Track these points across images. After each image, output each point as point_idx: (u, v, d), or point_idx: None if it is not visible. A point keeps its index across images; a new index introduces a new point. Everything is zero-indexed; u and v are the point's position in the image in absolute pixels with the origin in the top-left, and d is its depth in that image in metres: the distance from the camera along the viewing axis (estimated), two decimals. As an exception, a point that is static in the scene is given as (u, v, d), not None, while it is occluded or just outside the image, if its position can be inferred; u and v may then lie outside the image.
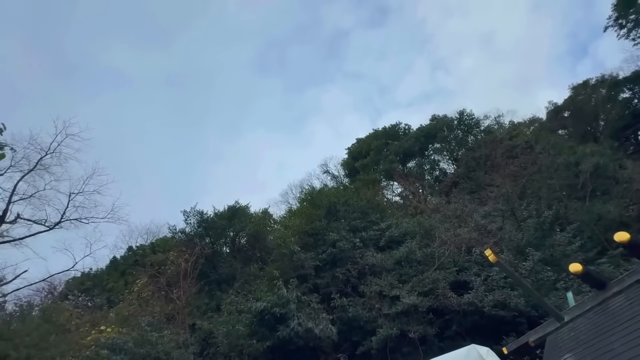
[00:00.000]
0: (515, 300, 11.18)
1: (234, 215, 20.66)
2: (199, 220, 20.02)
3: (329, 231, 16.00)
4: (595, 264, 12.17)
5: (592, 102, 29.83)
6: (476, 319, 11.77)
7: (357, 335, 12.82)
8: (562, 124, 30.36)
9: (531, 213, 15.58)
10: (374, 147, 31.31)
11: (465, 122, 30.26)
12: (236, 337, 11.78)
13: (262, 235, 20.49)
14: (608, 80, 30.98)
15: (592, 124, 29.77)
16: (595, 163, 18.52)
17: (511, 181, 18.54)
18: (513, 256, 12.79)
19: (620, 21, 32.90)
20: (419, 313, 11.90)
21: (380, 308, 12.51)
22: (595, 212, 15.66)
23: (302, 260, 14.94)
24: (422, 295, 12.12)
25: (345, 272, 14.65)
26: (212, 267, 19.95)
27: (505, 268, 8.10)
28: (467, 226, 15.99)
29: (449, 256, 13.64)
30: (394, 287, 12.85)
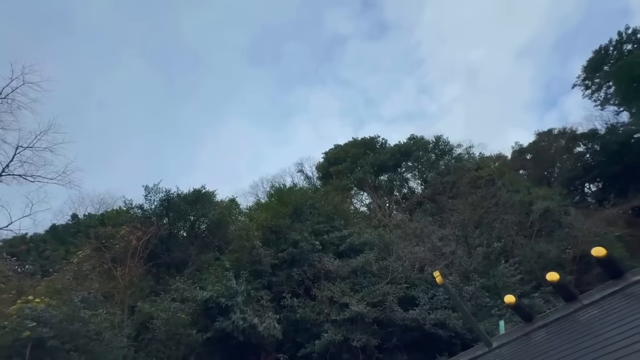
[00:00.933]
0: (454, 322, 11.81)
1: (198, 200, 19.94)
2: (160, 199, 19.09)
3: (292, 230, 15.95)
4: (530, 297, 13.21)
5: (551, 150, 32.50)
6: (416, 334, 12.28)
7: (302, 337, 12.87)
8: (523, 165, 32.73)
9: (482, 242, 16.57)
10: (351, 155, 31.78)
11: (440, 147, 31.63)
12: (176, 325, 11.31)
13: (224, 224, 19.95)
14: (568, 133, 33.96)
15: (549, 169, 32.39)
16: (546, 206, 20.17)
17: (470, 210, 19.63)
18: (459, 280, 13.51)
19: (587, 82, 36.30)
20: (365, 323, 12.20)
21: (328, 313, 12.66)
22: (537, 250, 17.00)
23: (261, 256, 14.76)
24: (370, 305, 12.44)
25: (301, 273, 14.68)
26: (165, 250, 19.08)
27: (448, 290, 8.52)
28: (424, 245, 16.68)
29: (402, 272, 14.14)
30: (346, 294, 13.08)
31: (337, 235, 16.63)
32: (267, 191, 27.93)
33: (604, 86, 34.88)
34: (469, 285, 12.93)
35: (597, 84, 35.38)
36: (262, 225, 16.71)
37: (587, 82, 36.00)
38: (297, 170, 35.00)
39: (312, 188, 29.42)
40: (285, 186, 24.49)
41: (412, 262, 14.89)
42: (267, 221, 16.85)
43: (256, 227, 16.39)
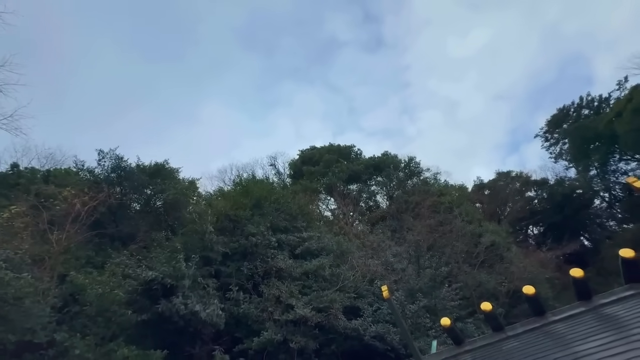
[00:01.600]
0: (393, 336, 12.28)
1: (158, 174, 18.86)
2: (115, 166, 17.79)
3: (250, 223, 15.66)
4: (464, 322, 14.13)
5: (507, 190, 35.17)
6: (355, 344, 12.58)
7: (241, 332, 12.63)
8: (480, 199, 35.04)
9: (432, 264, 17.45)
10: (326, 159, 31.99)
11: (410, 168, 32.89)
12: (110, 302, 10.54)
13: (181, 204, 19.06)
14: (523, 178, 37.04)
15: (501, 207, 34.97)
16: (492, 240, 21.78)
17: (427, 232, 20.60)
18: (404, 297, 14.09)
19: (547, 135, 39.90)
20: (307, 326, 12.27)
21: (272, 312, 12.57)
22: (478, 279, 18.25)
23: (214, 243, 14.29)
24: (316, 310, 12.54)
25: (252, 267, 14.43)
26: (113, 221, 17.80)
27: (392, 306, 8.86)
28: (378, 259, 17.19)
29: (353, 281, 14.45)
30: (293, 295, 13.08)
31: (297, 236, 16.60)
32: (233, 178, 27.25)
33: (560, 142, 38.58)
34: (413, 304, 13.52)
35: (555, 139, 39.05)
36: (220, 212, 16.22)
37: (547, 135, 39.62)
38: (270, 163, 34.56)
39: (281, 184, 29.20)
40: (254, 177, 24.05)
41: (363, 274, 15.28)
42: (226, 209, 16.40)
43: (214, 213, 15.88)
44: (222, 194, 20.21)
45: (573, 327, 4.12)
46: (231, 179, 28.64)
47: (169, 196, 17.48)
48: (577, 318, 4.33)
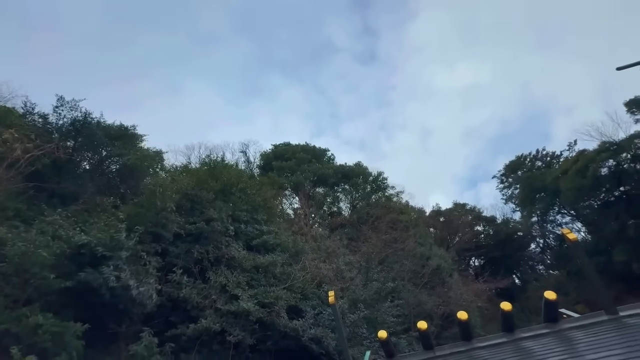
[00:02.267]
0: (329, 341, 12.47)
1: (120, 137, 17.47)
2: (74, 119, 16.20)
3: (212, 207, 15.09)
4: (398, 337, 14.77)
5: (459, 220, 37.54)
6: (291, 344, 12.59)
7: (176, 317, 12.06)
8: (434, 224, 37.05)
9: (379, 278, 18.05)
10: (299, 157, 31.84)
11: (377, 182, 33.84)
12: (32, 262, 9.47)
13: (139, 173, 17.82)
14: (475, 212, 39.81)
15: (452, 236, 37.25)
16: (438, 264, 23.12)
17: (381, 246, 21.30)
18: (348, 305, 14.40)
19: (503, 178, 43.33)
20: (248, 320, 12.05)
21: (215, 300, 12.17)
22: (419, 298, 19.21)
23: (167, 220, 13.52)
24: (260, 305, 12.37)
25: (203, 252, 13.87)
26: (56, 175, 16.15)
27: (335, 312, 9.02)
28: (330, 264, 17.43)
29: (302, 282, 14.48)
30: (240, 287, 12.78)
31: (256, 228, 16.30)
32: (201, 157, 26.12)
33: (512, 186, 42.11)
34: (354, 313, 13.85)
35: (509, 183, 42.57)
36: (181, 189, 15.45)
37: (503, 178, 43.10)
38: (241, 150, 33.65)
39: (249, 173, 28.55)
40: (223, 160, 23.23)
41: (313, 276, 15.39)
42: (188, 187, 15.65)
43: (175, 189, 15.08)
44: (187, 171, 19.25)
45: (495, 355, 4.47)
46: (199, 157, 27.45)
47: (128, 161, 16.25)
48: (499, 347, 4.71)
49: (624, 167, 29.81)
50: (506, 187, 42.59)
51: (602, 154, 30.08)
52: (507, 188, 42.47)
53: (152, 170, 19.11)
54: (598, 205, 32.78)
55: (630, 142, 29.10)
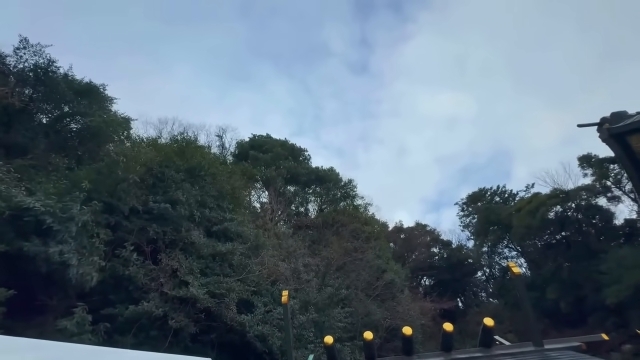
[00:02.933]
0: (275, 340, 12.38)
1: (86, 94, 16.08)
2: (36, 65, 14.72)
3: (178, 189, 14.41)
4: (343, 344, 14.99)
5: (418, 240, 39.12)
6: (236, 338, 12.34)
7: (116, 296, 11.32)
8: (395, 240, 38.31)
9: (334, 284, 18.28)
10: (276, 152, 31.47)
11: (347, 190, 34.27)
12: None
13: (102, 137, 16.52)
14: (433, 234, 41.75)
15: (409, 253, 38.69)
16: (392, 279, 23.93)
17: (341, 253, 21.61)
18: (299, 307, 14.42)
19: (464, 207, 45.88)
20: (195, 308, 11.62)
21: (163, 284, 11.60)
22: (368, 309, 19.68)
23: (126, 192, 12.68)
24: (210, 294, 11.98)
25: (160, 233, 13.16)
26: (5, 124, 14.55)
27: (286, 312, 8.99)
28: (289, 264, 17.37)
29: (257, 277, 14.26)
30: (193, 273, 12.30)
31: (220, 215, 15.79)
32: (173, 134, 24.91)
33: (471, 215, 44.79)
34: (304, 315, 13.89)
35: (468, 212, 45.22)
36: (146, 163, 14.59)
37: (464, 206, 45.72)
38: (217, 134, 32.62)
39: (221, 159, 27.73)
40: (196, 140, 22.35)
41: (270, 273, 15.23)
42: (155, 162, 14.83)
43: (140, 161, 14.21)
44: (155, 145, 18.24)
45: (431, 372, 4.69)
46: (170, 133, 26.15)
47: (91, 122, 15.04)
48: (436, 365, 4.95)
49: (568, 214, 32.87)
50: (465, 216, 45.21)
51: (552, 200, 32.97)
52: (466, 216, 45.09)
53: (117, 138, 17.87)
54: (541, 245, 35.79)
55: (577, 193, 32.17)
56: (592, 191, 31.65)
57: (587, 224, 32.46)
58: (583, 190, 31.96)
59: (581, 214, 32.41)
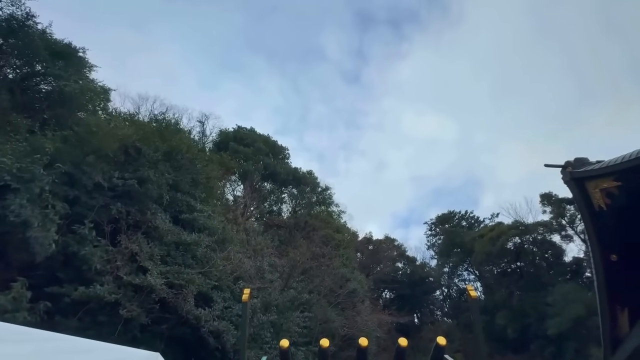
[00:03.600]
0: (229, 338, 12.07)
1: (63, 56, 14.99)
2: (12, 15, 13.56)
3: (150, 168, 13.73)
4: (297, 348, 14.91)
5: (385, 253, 39.98)
6: (189, 332, 11.91)
7: (66, 275, 10.57)
8: (363, 250, 38.86)
9: (297, 287, 18.21)
10: (257, 147, 31.04)
11: (324, 196, 34.37)
12: None
13: (74, 105, 15.46)
14: (400, 249, 42.88)
15: (374, 265, 39.40)
16: (355, 288, 24.20)
17: (308, 257, 21.57)
18: (260, 306, 14.20)
19: (432, 226, 47.50)
20: (149, 297, 11.10)
21: (119, 268, 10.98)
22: (328, 316, 19.75)
23: (95, 168, 11.90)
24: (168, 285, 11.50)
25: (123, 213, 12.46)
26: (-37, 71, 13.29)
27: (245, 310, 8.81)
28: (254, 262, 17.07)
29: (220, 272, 13.89)
30: (153, 260, 11.74)
31: (190, 203, 15.25)
32: (152, 112, 23.87)
33: (437, 236, 46.47)
34: (264, 315, 13.69)
35: (435, 232, 46.91)
36: (120, 138, 13.81)
37: (432, 226, 47.37)
38: (199, 120, 31.65)
39: (200, 145, 26.91)
40: (178, 124, 21.50)
41: (234, 269, 14.88)
42: (130, 139, 14.07)
43: (114, 136, 13.41)
44: (132, 121, 17.37)
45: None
46: (150, 111, 25.02)
47: (65, 86, 14.05)
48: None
49: (525, 246, 35.02)
50: (432, 235, 46.84)
51: (512, 231, 34.99)
52: (433, 236, 46.73)
53: (91, 107, 16.82)
54: (497, 272, 37.78)
55: (535, 227, 34.38)
56: (549, 227, 33.96)
57: (541, 257, 34.72)
58: (541, 225, 34.22)
59: (536, 247, 34.63)
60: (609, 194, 9.92)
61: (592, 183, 10.25)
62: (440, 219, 46.56)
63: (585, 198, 10.45)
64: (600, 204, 10.22)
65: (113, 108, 19.53)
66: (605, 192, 10.03)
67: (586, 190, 10.39)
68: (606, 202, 10.05)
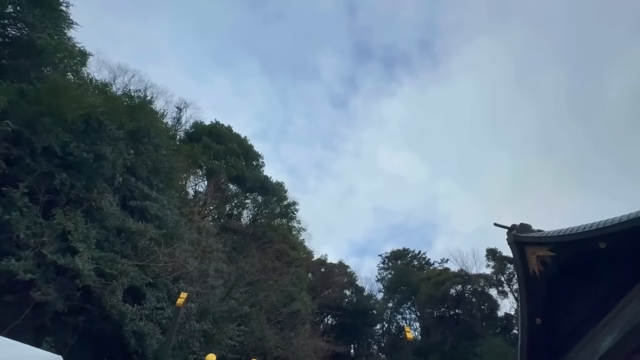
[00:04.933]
0: (152, 341, 11.13)
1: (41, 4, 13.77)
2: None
3: (109, 145, 12.79)
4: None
5: (336, 278, 39.94)
6: (109, 329, 10.83)
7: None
8: (314, 271, 38.59)
9: (239, 298, 17.46)
10: (231, 147, 30.30)
11: (288, 209, 33.87)
12: None
13: (45, 60, 14.10)
14: (351, 277, 43.07)
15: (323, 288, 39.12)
16: (300, 309, 23.74)
17: (259, 270, 20.94)
18: (195, 313, 13.36)
19: (385, 260, 48.63)
20: (72, 283, 9.98)
21: (44, 244, 9.84)
22: (264, 334, 19.01)
23: (49, 131, 10.80)
24: (97, 272, 10.46)
25: (68, 185, 11.30)
26: None
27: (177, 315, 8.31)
28: (200, 264, 16.20)
29: (160, 267, 12.97)
30: (87, 241, 10.66)
31: (146, 190, 14.30)
32: (128, 87, 22.65)
33: (388, 270, 47.57)
34: (198, 322, 12.88)
35: (387, 267, 48.04)
36: (85, 106, 12.81)
37: (385, 260, 48.54)
38: (177, 105, 30.53)
39: (172, 131, 25.77)
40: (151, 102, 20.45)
41: (176, 267, 13.98)
42: (98, 111, 13.09)
43: (82, 104, 12.39)
44: (103, 91, 16.26)
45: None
46: (125, 84, 23.71)
47: (38, 38, 12.93)
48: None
49: (465, 295, 36.85)
50: (384, 269, 47.87)
51: (456, 278, 36.83)
52: (384, 270, 47.76)
53: (62, 67, 15.55)
54: (436, 315, 39.13)
55: (477, 279, 36.47)
56: (489, 281, 36.19)
57: (477, 308, 36.64)
58: (482, 277, 36.40)
59: (475, 298, 36.58)
60: (543, 262, 10.90)
61: (531, 249, 11.23)
62: (395, 254, 47.89)
63: (523, 261, 11.39)
64: (535, 270, 11.17)
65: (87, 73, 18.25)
66: (540, 259, 11.01)
67: (525, 254, 11.34)
68: (539, 269, 11.02)
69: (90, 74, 18.95)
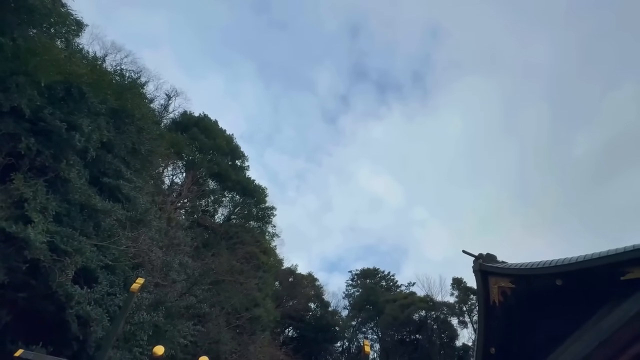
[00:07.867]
0: (98, 329, 10.42)
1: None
2: None
3: (87, 117, 12.25)
4: None
5: (302, 290, 39.42)
6: (50, 310, 10.07)
7: None
8: (282, 280, 37.88)
9: (199, 295, 16.81)
10: (217, 144, 29.75)
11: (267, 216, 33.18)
12: None
13: (34, 21, 13.48)
14: (318, 290, 42.59)
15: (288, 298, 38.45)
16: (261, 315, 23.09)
17: (225, 269, 20.30)
18: (149, 304, 12.69)
19: (354, 277, 48.50)
20: (19, 254, 9.26)
21: None
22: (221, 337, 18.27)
23: (22, 92, 10.24)
24: (50, 246, 9.75)
25: (34, 151, 10.66)
26: None
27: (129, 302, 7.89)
28: (165, 254, 15.55)
29: (120, 253, 12.30)
30: (45, 213, 9.99)
31: (119, 168, 13.69)
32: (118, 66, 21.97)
33: (356, 288, 47.43)
34: (149, 314, 12.20)
35: (355, 284, 47.96)
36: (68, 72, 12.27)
37: (354, 277, 48.48)
38: (167, 92, 29.91)
39: (157, 117, 25.09)
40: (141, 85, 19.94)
41: (139, 254, 13.31)
42: (79, 78, 12.58)
43: (64, 71, 11.88)
44: (92, 65, 15.69)
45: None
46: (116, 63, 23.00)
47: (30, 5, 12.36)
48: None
49: (427, 321, 37.17)
50: (352, 286, 47.70)
51: (421, 304, 37.21)
52: (352, 287, 47.58)
53: (52, 32, 14.94)
54: (397, 338, 39.09)
55: (441, 306, 36.97)
56: (452, 309, 36.76)
57: (437, 335, 36.97)
58: (446, 305, 36.93)
59: (437, 325, 36.94)
60: (504, 293, 11.25)
61: (494, 279, 11.58)
62: (364, 272, 47.95)
63: (485, 290, 11.71)
64: (495, 299, 11.50)
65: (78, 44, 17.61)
66: (502, 290, 11.36)
67: (488, 284, 11.68)
68: (500, 299, 11.36)
69: (81, 45, 18.32)
